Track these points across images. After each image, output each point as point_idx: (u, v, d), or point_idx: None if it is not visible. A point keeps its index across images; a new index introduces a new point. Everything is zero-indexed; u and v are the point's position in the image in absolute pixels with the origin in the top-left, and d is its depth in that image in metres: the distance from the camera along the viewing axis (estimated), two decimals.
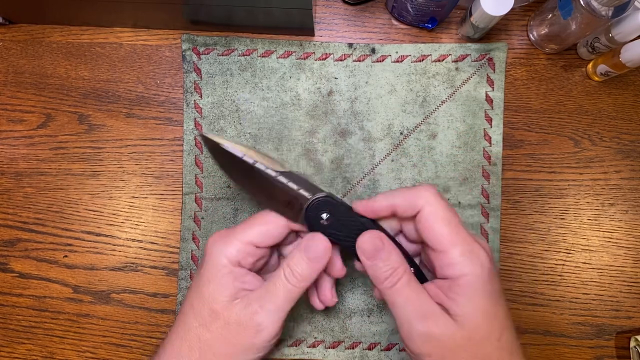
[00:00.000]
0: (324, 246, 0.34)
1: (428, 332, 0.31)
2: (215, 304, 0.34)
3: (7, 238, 0.47)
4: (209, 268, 0.35)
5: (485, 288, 0.31)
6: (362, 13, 0.48)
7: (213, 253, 0.35)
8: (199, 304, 0.35)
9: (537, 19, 0.46)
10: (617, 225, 0.47)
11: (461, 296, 0.31)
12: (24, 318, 0.47)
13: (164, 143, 0.47)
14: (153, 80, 0.48)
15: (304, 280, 0.34)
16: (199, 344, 0.34)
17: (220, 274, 0.34)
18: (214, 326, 0.34)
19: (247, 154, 0.35)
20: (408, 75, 0.46)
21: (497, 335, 0.31)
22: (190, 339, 0.34)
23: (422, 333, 0.31)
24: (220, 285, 0.34)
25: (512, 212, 0.47)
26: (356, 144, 0.46)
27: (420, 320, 0.31)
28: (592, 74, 0.47)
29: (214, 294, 0.34)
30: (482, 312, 0.31)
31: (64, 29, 0.48)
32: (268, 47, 0.46)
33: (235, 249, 0.34)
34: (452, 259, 0.32)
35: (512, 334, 0.32)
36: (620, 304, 0.46)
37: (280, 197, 0.35)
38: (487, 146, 0.46)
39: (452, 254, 0.32)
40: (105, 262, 0.47)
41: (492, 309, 0.32)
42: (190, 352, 0.34)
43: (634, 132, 0.47)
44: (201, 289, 0.35)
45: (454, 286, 0.31)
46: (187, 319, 0.35)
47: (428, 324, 0.31)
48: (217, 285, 0.34)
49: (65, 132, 0.47)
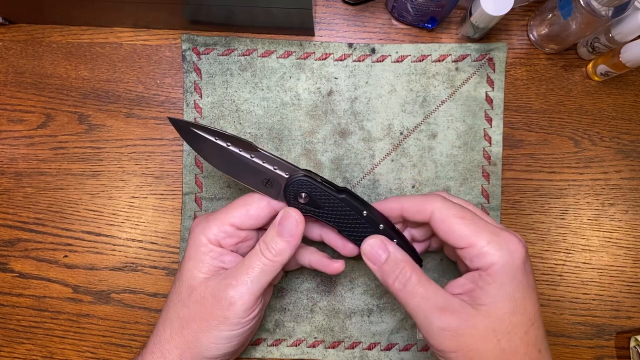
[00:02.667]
0: (296, 220, 0.35)
1: (448, 326, 0.30)
2: (192, 281, 0.35)
3: (7, 238, 0.47)
4: (189, 248, 0.36)
5: (516, 277, 0.30)
6: (362, 13, 0.48)
7: (194, 234, 0.36)
8: (179, 282, 0.36)
9: (537, 19, 0.46)
10: (617, 225, 0.47)
11: (490, 284, 0.30)
12: (24, 318, 0.47)
13: (164, 143, 0.47)
14: (153, 80, 0.48)
15: (279, 254, 0.35)
16: (179, 321, 0.35)
17: (199, 252, 0.36)
18: (190, 301, 0.35)
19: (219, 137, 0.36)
20: (408, 75, 0.46)
21: (525, 328, 0.30)
22: (170, 317, 0.36)
23: (442, 327, 0.30)
24: (198, 262, 0.35)
25: (512, 212, 0.47)
26: (356, 143, 0.46)
27: (438, 315, 0.31)
28: (592, 74, 0.47)
29: (192, 271, 0.35)
30: (510, 301, 0.30)
31: (64, 29, 0.48)
32: (268, 47, 0.46)
33: (215, 229, 0.36)
34: (478, 249, 0.31)
35: (541, 331, 0.31)
36: (620, 304, 0.46)
37: (258, 178, 0.36)
38: (487, 146, 0.46)
39: (477, 245, 0.31)
40: (105, 262, 0.47)
41: (521, 300, 0.30)
42: (171, 328, 0.35)
43: (634, 132, 0.47)
44: (181, 268, 0.36)
45: (484, 275, 0.31)
46: (169, 298, 0.37)
47: (446, 316, 0.31)
48: (196, 262, 0.35)
49: (65, 132, 0.47)
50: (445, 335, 0.30)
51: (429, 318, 0.31)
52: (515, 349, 0.30)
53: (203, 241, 0.36)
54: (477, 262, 0.31)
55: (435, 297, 0.32)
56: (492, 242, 0.31)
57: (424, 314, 0.31)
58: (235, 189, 0.46)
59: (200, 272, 0.35)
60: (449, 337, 0.30)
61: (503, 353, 0.30)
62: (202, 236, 0.36)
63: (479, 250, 0.31)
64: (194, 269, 0.36)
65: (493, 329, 0.30)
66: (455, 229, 0.32)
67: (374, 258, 0.34)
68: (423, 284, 0.32)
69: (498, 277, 0.30)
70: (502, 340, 0.30)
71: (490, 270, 0.30)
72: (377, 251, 0.34)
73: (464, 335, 0.30)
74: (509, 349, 0.30)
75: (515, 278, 0.30)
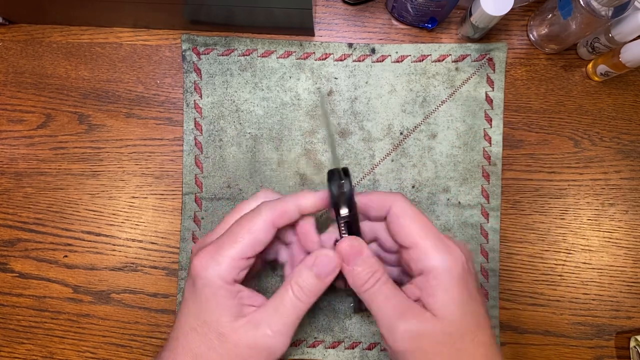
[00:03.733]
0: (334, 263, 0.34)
1: (410, 329, 0.31)
2: (221, 328, 0.33)
3: (7, 238, 0.47)
4: (205, 291, 0.33)
5: (460, 282, 0.32)
6: (362, 13, 0.48)
7: (205, 275, 0.33)
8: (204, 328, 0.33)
9: (537, 19, 0.46)
10: (617, 225, 0.47)
11: (437, 289, 0.32)
12: (24, 318, 0.47)
13: (164, 143, 0.47)
14: (153, 80, 0.48)
15: (313, 295, 0.34)
16: None
17: (218, 296, 0.33)
18: (223, 349, 0.33)
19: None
20: (408, 75, 0.46)
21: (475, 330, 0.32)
22: None
23: (404, 330, 0.31)
24: (222, 308, 0.33)
25: (512, 212, 0.47)
26: (356, 144, 0.46)
27: (401, 318, 0.32)
28: (592, 74, 0.47)
29: (218, 318, 0.33)
30: (459, 305, 0.32)
31: (64, 29, 0.48)
32: (268, 47, 0.46)
33: (227, 267, 0.33)
34: (423, 250, 0.32)
35: (490, 331, 0.33)
36: (620, 304, 0.46)
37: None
38: (487, 146, 0.46)
39: (422, 246, 0.32)
40: (105, 262, 0.47)
41: (468, 304, 0.32)
42: None
43: (634, 132, 0.47)
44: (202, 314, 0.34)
45: (430, 279, 0.32)
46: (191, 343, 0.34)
47: (409, 320, 0.32)
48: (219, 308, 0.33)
49: (65, 132, 0.47)
50: (407, 337, 0.31)
51: (392, 320, 0.32)
52: (467, 349, 0.31)
53: (218, 283, 0.33)
54: (420, 264, 0.32)
55: (400, 300, 0.32)
56: (437, 247, 0.32)
57: (388, 316, 0.32)
58: (235, 189, 0.46)
59: (226, 317, 0.33)
60: (410, 339, 0.31)
61: (458, 353, 0.31)
62: (215, 278, 0.33)
63: (423, 251, 0.32)
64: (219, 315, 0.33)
65: (449, 333, 0.31)
66: (406, 225, 0.33)
67: (349, 258, 0.34)
68: (389, 286, 0.33)
69: (441, 282, 0.32)
70: (457, 342, 0.31)
71: (433, 274, 0.32)
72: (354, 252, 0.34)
73: (424, 337, 0.31)
74: (463, 350, 0.31)
75: (458, 284, 0.32)
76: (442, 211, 0.46)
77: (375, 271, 0.33)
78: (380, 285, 0.33)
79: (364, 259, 0.34)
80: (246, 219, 0.34)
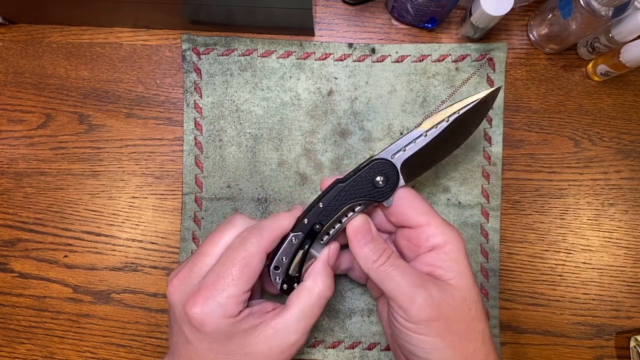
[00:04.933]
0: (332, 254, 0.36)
1: (433, 295, 0.32)
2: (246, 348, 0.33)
3: (7, 238, 0.47)
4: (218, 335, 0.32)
5: (466, 255, 0.34)
6: (362, 13, 0.48)
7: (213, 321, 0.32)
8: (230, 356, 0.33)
9: (537, 19, 0.46)
10: (617, 225, 0.47)
11: (450, 261, 0.33)
12: (24, 318, 0.47)
13: (164, 143, 0.47)
14: (153, 80, 0.48)
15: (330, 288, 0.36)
16: None
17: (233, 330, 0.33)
18: None
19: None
20: (408, 75, 0.46)
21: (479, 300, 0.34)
22: None
23: (427, 297, 0.32)
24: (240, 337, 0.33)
25: (512, 212, 0.47)
26: (356, 144, 0.46)
27: (421, 287, 0.32)
28: (592, 74, 0.47)
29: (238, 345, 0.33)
30: (469, 275, 0.34)
31: (64, 29, 0.48)
32: (268, 47, 0.46)
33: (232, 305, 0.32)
34: (436, 228, 0.34)
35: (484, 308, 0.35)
36: (620, 304, 0.46)
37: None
38: (487, 146, 0.46)
39: (434, 223, 0.34)
40: (105, 262, 0.47)
41: (473, 275, 0.34)
42: None
43: (634, 132, 0.47)
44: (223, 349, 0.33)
45: (441, 254, 0.34)
46: None
47: (431, 288, 0.32)
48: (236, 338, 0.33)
49: (65, 132, 0.47)
50: (429, 305, 0.32)
51: (411, 291, 0.32)
52: (479, 316, 0.33)
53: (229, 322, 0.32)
54: (434, 239, 0.34)
55: (415, 273, 0.33)
56: (445, 224, 0.35)
57: (407, 287, 0.32)
58: (235, 189, 0.46)
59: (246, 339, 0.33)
60: (432, 306, 0.32)
61: (472, 320, 0.33)
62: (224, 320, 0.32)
63: (436, 228, 0.34)
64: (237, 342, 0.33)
65: (465, 298, 0.33)
66: (416, 206, 0.35)
67: (361, 236, 0.35)
68: (403, 262, 0.34)
69: (453, 255, 0.34)
70: (472, 309, 0.33)
71: (446, 248, 0.34)
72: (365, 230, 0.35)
73: (444, 304, 0.32)
74: (476, 317, 0.33)
75: (465, 257, 0.34)
76: (442, 211, 0.46)
77: (385, 248, 0.34)
78: (394, 260, 0.34)
79: (374, 236, 0.35)
80: (239, 252, 0.33)
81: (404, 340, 0.33)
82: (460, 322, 0.32)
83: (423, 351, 0.32)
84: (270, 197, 0.46)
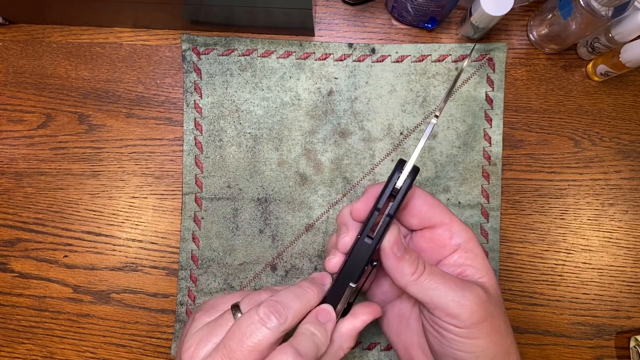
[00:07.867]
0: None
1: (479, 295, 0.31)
2: None
3: (7, 238, 0.47)
4: None
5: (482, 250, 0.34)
6: (362, 13, 0.48)
7: None
8: None
9: (537, 19, 0.46)
10: (617, 225, 0.47)
11: (477, 258, 0.34)
12: (24, 318, 0.47)
13: (164, 143, 0.47)
14: (153, 80, 0.48)
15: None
16: None
17: None
18: None
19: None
20: (408, 75, 0.46)
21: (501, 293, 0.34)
22: None
23: (475, 297, 0.31)
24: None
25: (512, 212, 0.47)
26: (356, 144, 0.46)
27: (466, 289, 0.31)
28: (592, 74, 0.47)
29: None
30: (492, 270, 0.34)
31: (64, 29, 0.48)
32: (268, 47, 0.46)
33: None
34: (457, 225, 0.34)
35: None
36: (620, 304, 0.46)
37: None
38: (487, 146, 0.46)
39: (456, 221, 0.34)
40: (105, 262, 0.47)
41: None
42: None
43: (634, 132, 0.47)
44: None
45: (468, 251, 0.34)
46: None
47: (474, 289, 0.31)
48: None
49: (65, 132, 0.47)
50: (478, 305, 0.31)
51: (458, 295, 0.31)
52: (504, 311, 0.34)
53: None
54: (457, 237, 0.34)
55: (452, 277, 0.33)
56: (460, 221, 0.35)
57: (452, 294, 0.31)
58: (235, 189, 0.46)
59: None
60: (480, 307, 0.31)
61: (504, 315, 0.33)
62: None
63: (457, 226, 0.34)
64: None
65: (498, 294, 0.33)
66: (436, 205, 0.34)
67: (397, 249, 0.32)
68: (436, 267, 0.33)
69: (477, 250, 0.34)
70: (503, 303, 0.34)
71: (469, 245, 0.34)
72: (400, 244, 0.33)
73: (488, 302, 0.32)
74: (504, 311, 0.33)
75: (482, 250, 0.34)
76: None
77: (418, 257, 0.33)
78: (430, 268, 0.32)
79: (407, 249, 0.33)
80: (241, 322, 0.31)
81: (455, 348, 0.31)
82: (500, 317, 0.32)
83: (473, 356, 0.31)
84: (270, 197, 0.46)
